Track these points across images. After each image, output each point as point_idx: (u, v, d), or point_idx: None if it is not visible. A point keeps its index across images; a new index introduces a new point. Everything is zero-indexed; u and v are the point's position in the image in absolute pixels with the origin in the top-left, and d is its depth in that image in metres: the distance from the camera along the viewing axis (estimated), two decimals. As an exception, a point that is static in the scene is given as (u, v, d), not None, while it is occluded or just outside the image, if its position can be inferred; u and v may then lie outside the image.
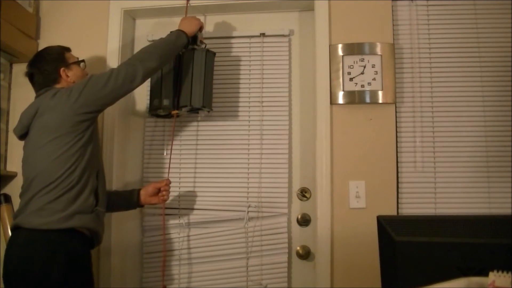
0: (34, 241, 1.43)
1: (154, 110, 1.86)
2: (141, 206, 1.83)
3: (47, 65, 1.63)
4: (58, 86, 1.63)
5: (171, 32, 1.75)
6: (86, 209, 1.52)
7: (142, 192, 1.79)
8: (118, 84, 1.55)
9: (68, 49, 1.73)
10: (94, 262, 1.63)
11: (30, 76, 1.65)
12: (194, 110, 1.87)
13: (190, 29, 1.78)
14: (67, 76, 1.65)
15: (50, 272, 1.40)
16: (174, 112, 1.85)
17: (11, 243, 1.48)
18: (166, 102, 1.82)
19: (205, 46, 1.88)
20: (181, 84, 1.83)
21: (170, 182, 1.82)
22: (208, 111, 1.88)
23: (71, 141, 1.50)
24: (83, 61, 1.73)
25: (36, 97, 1.62)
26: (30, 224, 1.45)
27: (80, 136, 1.52)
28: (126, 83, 1.57)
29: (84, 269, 1.53)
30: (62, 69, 1.64)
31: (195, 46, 1.84)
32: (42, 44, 2.08)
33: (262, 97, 2.00)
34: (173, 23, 2.10)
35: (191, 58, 1.83)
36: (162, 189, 1.79)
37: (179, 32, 1.74)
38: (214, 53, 1.90)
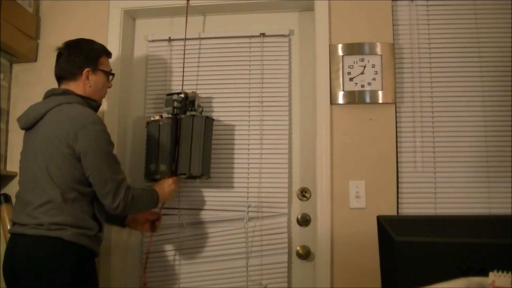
0: (43, 244, 1.41)
1: (150, 175, 1.80)
2: (123, 226, 1.84)
3: (76, 57, 1.57)
4: (72, 84, 1.57)
5: (152, 193, 1.67)
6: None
7: (129, 216, 1.80)
8: (109, 184, 1.47)
9: (109, 55, 1.68)
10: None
11: (59, 54, 1.60)
12: (193, 177, 1.84)
13: (165, 198, 1.73)
14: (87, 78, 1.58)
15: (59, 273, 1.39)
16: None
17: (15, 243, 1.45)
18: (162, 167, 1.78)
19: (202, 110, 1.86)
20: (180, 150, 1.80)
21: (162, 218, 1.87)
22: (207, 179, 1.87)
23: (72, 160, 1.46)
24: (112, 74, 1.69)
25: (51, 95, 1.55)
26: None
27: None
28: (113, 188, 1.47)
29: (91, 271, 1.53)
30: (87, 69, 1.57)
31: (194, 112, 1.82)
32: (42, 44, 2.08)
33: (262, 97, 2.00)
34: (173, 23, 2.11)
35: (190, 124, 1.79)
36: (157, 223, 1.84)
37: (157, 196, 1.67)
38: (213, 119, 1.88)
